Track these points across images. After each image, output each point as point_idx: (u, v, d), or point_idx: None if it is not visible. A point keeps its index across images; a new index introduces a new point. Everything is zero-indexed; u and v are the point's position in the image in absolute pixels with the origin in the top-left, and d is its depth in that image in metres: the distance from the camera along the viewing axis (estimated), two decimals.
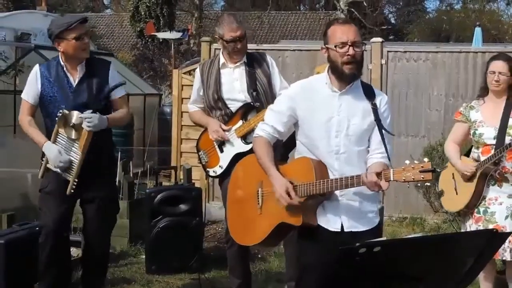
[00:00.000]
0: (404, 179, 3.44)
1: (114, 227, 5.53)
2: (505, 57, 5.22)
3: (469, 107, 5.31)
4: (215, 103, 5.41)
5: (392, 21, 44.83)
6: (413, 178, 3.41)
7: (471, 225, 5.22)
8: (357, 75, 3.82)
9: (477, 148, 5.22)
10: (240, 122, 5.33)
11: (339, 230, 3.81)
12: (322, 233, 3.83)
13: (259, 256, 6.95)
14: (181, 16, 31.33)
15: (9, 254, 4.92)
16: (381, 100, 3.89)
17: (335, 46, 3.72)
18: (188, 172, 8.12)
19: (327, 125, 3.81)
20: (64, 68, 5.10)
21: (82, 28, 5.01)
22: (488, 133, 5.11)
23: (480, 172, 5.07)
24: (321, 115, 3.83)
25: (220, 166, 5.43)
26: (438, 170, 3.34)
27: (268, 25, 32.04)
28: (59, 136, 4.99)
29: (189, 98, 10.29)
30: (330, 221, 3.83)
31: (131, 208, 7.12)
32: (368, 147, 3.86)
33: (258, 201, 4.00)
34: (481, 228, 5.10)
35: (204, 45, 10.22)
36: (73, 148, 4.98)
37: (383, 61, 9.29)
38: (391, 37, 36.36)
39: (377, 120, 3.76)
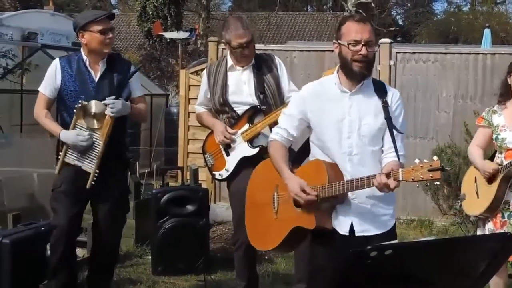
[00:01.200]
0: (413, 179, 3.39)
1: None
2: None
3: (492, 111, 5.22)
4: (221, 106, 5.36)
5: (400, 22, 44.71)
6: (422, 177, 3.35)
7: (493, 230, 5.11)
8: (366, 75, 3.76)
9: (501, 152, 5.14)
10: (247, 126, 5.28)
11: (350, 234, 3.76)
12: (334, 236, 3.78)
13: (266, 258, 6.90)
14: (188, 16, 31.31)
15: (14, 254, 4.89)
16: (393, 96, 3.82)
17: (348, 44, 3.68)
18: (195, 172, 8.08)
19: (339, 126, 3.76)
20: (86, 63, 5.09)
21: (108, 23, 5.04)
22: (511, 138, 5.03)
23: (502, 176, 4.99)
24: (332, 116, 3.77)
25: (226, 170, 5.39)
26: (448, 168, 3.28)
27: (275, 26, 32.02)
28: (77, 127, 4.94)
29: (196, 99, 10.37)
30: (342, 224, 3.78)
31: (137, 209, 7.08)
32: (382, 146, 3.79)
33: (274, 205, 3.97)
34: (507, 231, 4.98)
35: (212, 45, 10.18)
36: (93, 138, 4.96)
37: (392, 62, 9.23)
38: (398, 39, 36.24)
39: (388, 118, 3.70)
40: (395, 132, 3.71)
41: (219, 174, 5.46)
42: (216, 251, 7.14)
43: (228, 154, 5.37)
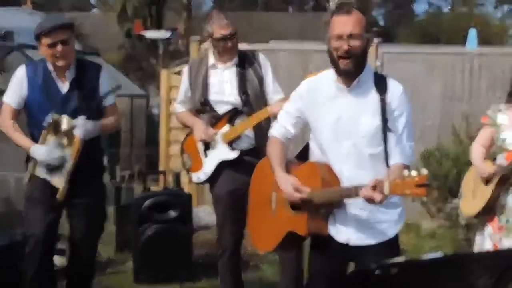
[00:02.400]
0: (397, 193, 3.13)
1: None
2: None
3: (497, 110, 5.06)
4: (201, 106, 5.18)
5: (381, 23, 44.79)
6: (406, 193, 3.07)
7: (491, 234, 4.98)
8: (353, 72, 3.49)
9: (501, 152, 4.98)
10: (227, 127, 5.11)
11: (347, 242, 3.57)
12: (332, 243, 3.59)
13: (251, 264, 6.76)
14: (169, 16, 31.14)
15: None
16: (393, 93, 3.50)
17: (331, 39, 3.46)
18: (177, 176, 7.94)
19: (336, 126, 3.53)
20: (52, 72, 4.79)
21: (57, 35, 4.64)
22: (511, 139, 4.89)
23: (498, 178, 4.84)
24: (328, 115, 3.55)
25: (204, 173, 5.23)
26: (432, 185, 3.05)
27: (257, 26, 31.89)
28: (47, 142, 4.72)
29: None
30: (339, 232, 3.58)
31: (118, 214, 6.95)
32: (387, 148, 3.48)
33: (272, 205, 3.80)
34: (503, 237, 4.89)
35: (194, 44, 10.12)
36: (63, 154, 4.73)
37: (378, 63, 9.12)
38: (379, 39, 36.25)
39: (383, 118, 3.43)
40: (394, 133, 3.47)
41: (197, 177, 5.30)
42: (200, 257, 6.97)
43: (206, 156, 5.20)
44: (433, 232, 8.48)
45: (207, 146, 5.16)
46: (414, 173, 3.07)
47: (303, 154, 3.84)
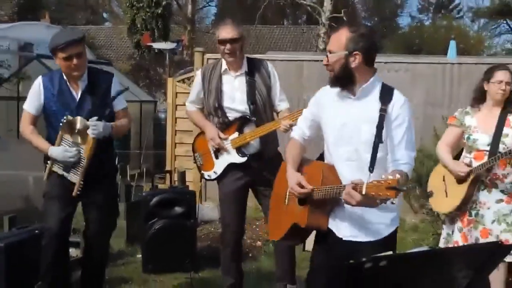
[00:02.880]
0: (373, 194, 3.06)
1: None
2: (507, 67, 5.01)
3: (465, 112, 5.08)
4: (214, 110, 5.13)
5: None
6: (379, 194, 3.03)
7: (461, 228, 5.00)
8: (333, 84, 3.49)
9: (470, 152, 4.98)
10: (236, 134, 5.08)
11: (342, 237, 3.55)
12: (331, 237, 3.57)
13: (250, 255, 6.74)
14: (175, 28, 31.14)
15: (9, 257, 4.75)
16: (394, 104, 3.42)
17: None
18: (182, 175, 7.93)
19: (341, 131, 3.50)
20: (67, 81, 4.80)
21: (73, 48, 4.63)
22: (483, 140, 4.89)
23: (472, 177, 4.85)
24: (336, 120, 3.53)
25: (214, 172, 5.23)
26: (405, 189, 2.95)
27: (255, 38, 31.87)
28: (63, 141, 4.72)
29: (183, 105, 10.26)
30: (338, 228, 3.56)
31: (128, 210, 6.93)
32: (387, 154, 3.44)
33: (286, 200, 3.80)
34: (472, 229, 4.92)
35: (198, 54, 10.10)
36: (78, 152, 4.73)
37: None
38: None
39: (379, 126, 3.34)
40: (394, 139, 3.42)
41: (208, 175, 5.30)
42: (203, 249, 6.96)
43: (217, 157, 5.20)
44: (416, 226, 8.48)
45: (218, 149, 5.15)
46: (390, 176, 3.04)
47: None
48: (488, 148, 4.84)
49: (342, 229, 3.54)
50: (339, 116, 3.51)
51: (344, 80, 3.45)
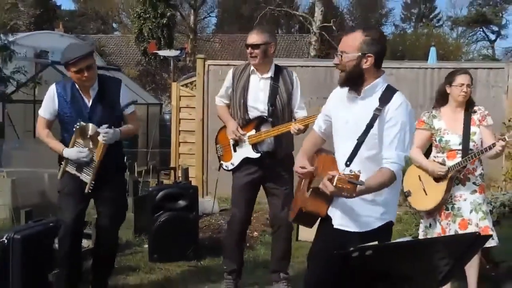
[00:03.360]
0: (340, 186, 2.96)
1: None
2: (467, 71, 5.03)
3: (432, 116, 5.05)
4: (239, 106, 5.18)
5: None
6: (343, 186, 2.95)
7: (440, 221, 4.99)
8: (343, 82, 3.40)
9: (442, 152, 4.97)
10: (253, 131, 5.12)
11: (335, 226, 3.52)
12: (328, 224, 3.53)
13: (248, 245, 6.69)
14: (178, 37, 31.09)
15: (25, 248, 4.73)
16: (391, 105, 3.33)
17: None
18: (186, 171, 7.90)
19: (344, 129, 3.47)
20: (79, 89, 4.78)
21: (83, 62, 4.62)
22: (454, 140, 4.91)
23: (450, 176, 4.86)
24: (341, 118, 3.50)
25: (231, 163, 5.26)
26: (360, 184, 2.89)
27: None
28: (76, 144, 4.73)
29: (186, 107, 10.26)
30: (333, 215, 3.53)
31: (135, 204, 6.89)
32: (380, 152, 3.37)
33: (301, 186, 3.79)
34: (450, 222, 4.92)
35: (199, 61, 10.08)
36: (90, 155, 4.74)
37: None
38: None
39: (369, 125, 3.29)
40: (385, 138, 3.33)
41: (225, 166, 5.32)
42: (205, 239, 6.91)
43: (235, 150, 5.24)
44: (400, 218, 8.41)
45: (236, 142, 5.19)
46: (353, 171, 2.99)
47: None
48: (460, 147, 4.87)
49: (336, 217, 3.52)
50: (344, 114, 3.48)
51: (354, 79, 3.39)
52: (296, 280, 5.30)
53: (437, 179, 4.92)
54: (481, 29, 43.85)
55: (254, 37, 5.05)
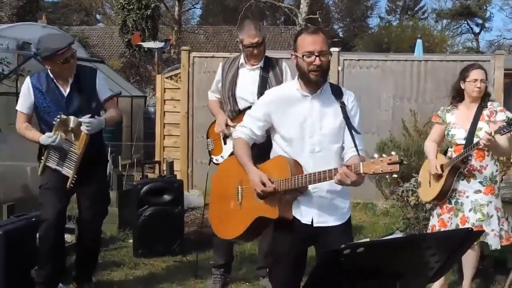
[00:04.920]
0: (373, 171, 3.07)
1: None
2: (481, 66, 4.97)
3: (446, 110, 5.07)
4: (227, 98, 5.14)
5: (341, 35, 44.76)
6: (382, 170, 3.02)
7: (439, 214, 5.01)
8: (322, 81, 3.45)
9: (451, 147, 5.01)
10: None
11: (310, 223, 3.49)
12: (296, 225, 3.50)
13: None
14: (163, 29, 30.91)
15: (7, 244, 4.64)
16: (348, 98, 3.51)
17: (303, 56, 3.37)
18: (171, 165, 7.81)
19: (302, 127, 3.46)
20: (54, 80, 4.69)
21: (68, 52, 4.58)
22: (459, 134, 4.89)
23: (449, 169, 4.85)
24: (295, 118, 3.48)
25: (221, 157, 5.21)
26: (405, 162, 2.98)
27: (236, 38, 31.78)
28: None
29: (171, 100, 10.19)
30: (303, 214, 3.50)
31: (120, 198, 6.82)
32: (343, 143, 3.49)
33: (238, 197, 3.63)
34: (453, 216, 4.92)
35: (184, 53, 10.01)
36: (71, 148, 4.64)
37: (340, 68, 9.10)
38: (338, 49, 36.24)
39: (346, 118, 3.43)
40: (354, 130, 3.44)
41: (216, 159, 5.28)
42: (190, 234, 6.85)
43: (225, 143, 5.20)
44: (387, 211, 8.45)
45: (226, 136, 5.16)
46: (384, 155, 3.06)
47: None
48: (464, 142, 4.84)
49: (310, 215, 3.50)
50: (298, 114, 3.48)
51: (326, 78, 3.48)
52: None
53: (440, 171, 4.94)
54: (465, 22, 44.01)
55: (256, 36, 4.97)
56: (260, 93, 4.99)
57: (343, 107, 3.44)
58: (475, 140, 4.74)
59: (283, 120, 3.53)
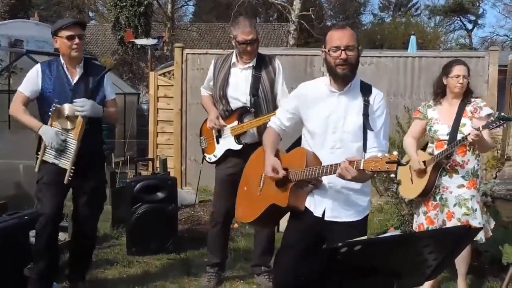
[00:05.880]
0: (371, 169, 3.06)
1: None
2: (463, 62, 4.98)
3: (427, 106, 5.08)
4: (219, 98, 5.12)
5: None
6: (379, 168, 3.02)
7: (425, 211, 4.99)
8: (350, 76, 3.45)
9: (432, 142, 4.99)
10: (236, 122, 5.05)
11: (321, 216, 3.51)
12: (307, 217, 3.54)
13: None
14: (156, 26, 30.82)
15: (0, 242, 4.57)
16: (376, 97, 3.49)
17: (329, 50, 3.41)
18: (164, 162, 7.79)
19: (326, 122, 3.49)
20: (64, 67, 4.72)
21: (76, 29, 4.65)
22: (442, 130, 4.89)
23: (433, 165, 4.84)
24: (321, 113, 3.51)
25: (214, 155, 5.22)
26: (404, 163, 2.95)
27: (230, 34, 31.73)
28: (53, 127, 4.60)
29: (164, 97, 10.15)
30: (316, 207, 3.54)
31: (113, 196, 6.79)
32: (366, 141, 3.41)
33: (260, 184, 3.76)
34: (439, 212, 4.92)
35: (177, 50, 9.97)
36: (68, 138, 4.62)
37: None
38: None
39: (365, 114, 3.39)
40: (373, 129, 3.40)
41: (209, 158, 5.28)
42: (184, 231, 6.84)
43: (218, 142, 5.19)
44: (381, 208, 8.42)
45: (219, 134, 5.14)
46: (386, 154, 3.06)
47: (294, 147, 3.81)
48: (447, 137, 4.84)
49: (327, 210, 3.52)
50: (323, 109, 3.51)
51: (355, 73, 3.49)
52: None
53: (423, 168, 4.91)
54: (458, 18, 44.07)
55: (251, 33, 4.95)
56: (253, 94, 4.99)
57: (366, 104, 3.43)
58: (459, 136, 4.76)
59: (309, 114, 3.59)
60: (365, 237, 2.23)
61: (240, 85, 5.05)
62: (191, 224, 7.24)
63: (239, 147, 5.03)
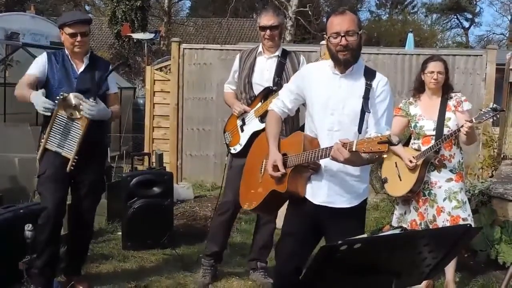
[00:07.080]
0: (363, 150, 2.99)
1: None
2: (440, 58, 5.06)
3: (408, 103, 5.12)
4: (244, 86, 5.14)
5: None
6: (371, 149, 2.95)
7: (417, 208, 5.02)
8: (351, 61, 3.39)
9: (418, 139, 5.02)
10: (260, 104, 5.05)
11: (318, 203, 3.48)
12: (306, 204, 3.51)
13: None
14: (152, 20, 30.76)
15: None
16: (380, 81, 3.42)
17: (329, 37, 3.38)
18: (160, 157, 7.76)
19: (326, 103, 3.45)
20: (69, 57, 4.77)
21: (78, 27, 4.68)
22: (428, 126, 4.93)
23: (422, 161, 4.88)
24: (322, 94, 3.47)
25: (239, 144, 5.15)
26: (395, 142, 2.86)
27: (226, 30, 31.66)
28: (58, 117, 4.57)
29: (160, 92, 10.12)
30: (313, 193, 3.50)
31: (109, 190, 6.74)
32: (367, 128, 3.37)
33: (261, 170, 3.72)
34: (428, 207, 4.96)
35: (174, 44, 9.94)
36: (72, 127, 4.59)
37: None
38: None
39: (365, 97, 3.33)
40: (369, 111, 3.33)
41: (234, 149, 5.22)
42: (179, 227, 6.82)
43: (242, 131, 5.16)
44: (377, 205, 8.43)
45: (243, 122, 5.13)
46: (379, 135, 3.02)
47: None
48: (434, 132, 4.89)
49: (320, 195, 3.48)
50: (324, 91, 3.47)
51: (357, 58, 3.42)
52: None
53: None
54: (455, 16, 44.10)
55: (272, 19, 5.03)
56: (277, 76, 5.01)
57: (368, 88, 3.37)
58: (445, 130, 4.83)
59: (311, 95, 3.57)
60: (365, 235, 2.20)
61: (265, 73, 5.09)
62: (186, 219, 7.23)
63: (263, 125, 4.97)
